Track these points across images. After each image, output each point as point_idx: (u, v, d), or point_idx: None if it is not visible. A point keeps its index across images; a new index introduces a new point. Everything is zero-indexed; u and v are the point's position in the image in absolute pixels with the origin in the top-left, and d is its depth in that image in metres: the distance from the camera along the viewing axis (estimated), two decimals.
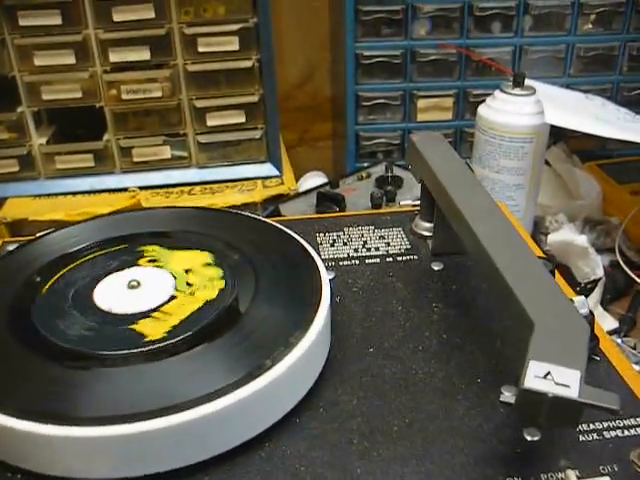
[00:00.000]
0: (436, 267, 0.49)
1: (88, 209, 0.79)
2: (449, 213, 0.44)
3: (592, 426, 0.36)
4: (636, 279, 0.77)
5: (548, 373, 0.31)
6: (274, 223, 0.48)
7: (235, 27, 0.78)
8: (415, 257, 0.51)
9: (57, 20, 0.78)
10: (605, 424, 0.36)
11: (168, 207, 0.51)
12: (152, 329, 0.37)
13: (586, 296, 0.73)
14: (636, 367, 0.64)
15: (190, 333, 0.37)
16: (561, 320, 0.34)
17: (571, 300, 0.37)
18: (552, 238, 0.75)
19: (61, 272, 0.42)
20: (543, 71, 0.90)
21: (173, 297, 0.40)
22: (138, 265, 0.43)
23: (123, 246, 0.44)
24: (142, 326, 0.38)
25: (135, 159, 0.84)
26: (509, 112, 0.72)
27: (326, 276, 0.41)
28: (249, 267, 0.42)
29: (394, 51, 0.87)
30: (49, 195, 0.85)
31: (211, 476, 0.34)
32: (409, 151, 0.51)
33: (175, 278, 0.41)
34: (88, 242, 0.45)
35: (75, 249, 0.45)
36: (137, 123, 0.83)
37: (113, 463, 0.33)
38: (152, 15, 0.78)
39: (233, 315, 0.38)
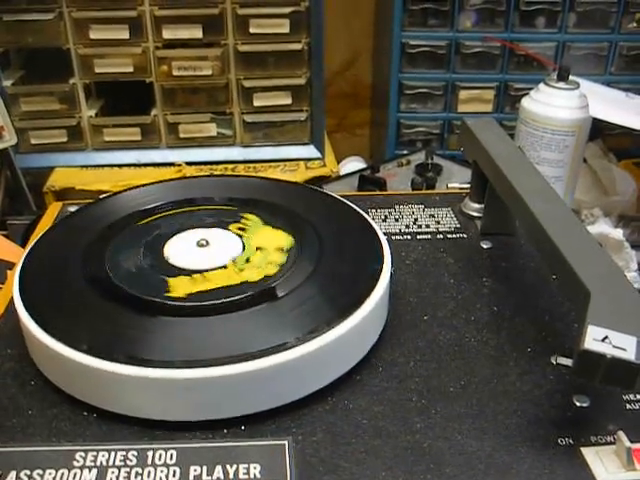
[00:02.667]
0: (485, 245, 0.51)
1: (133, 181, 0.81)
2: (504, 193, 0.46)
3: (639, 397, 0.38)
4: None
5: (606, 337, 0.32)
6: (346, 201, 0.49)
7: (287, 10, 0.80)
8: (464, 235, 0.52)
9: None
10: None
11: (253, 177, 0.53)
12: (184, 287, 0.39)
13: None
14: None
15: (259, 291, 0.39)
16: (616, 290, 0.35)
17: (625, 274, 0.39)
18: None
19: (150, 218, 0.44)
20: (584, 68, 0.91)
21: (223, 266, 0.42)
22: (228, 229, 0.45)
23: (231, 208, 0.47)
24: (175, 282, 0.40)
25: (181, 135, 0.87)
26: (553, 105, 0.74)
27: (387, 244, 0.43)
28: (317, 240, 0.44)
29: (439, 42, 0.89)
30: (95, 166, 0.87)
31: (278, 424, 0.36)
32: (462, 134, 0.53)
33: (243, 251, 0.43)
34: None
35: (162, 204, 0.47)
36: (185, 100, 0.85)
37: (186, 406, 0.35)
38: None
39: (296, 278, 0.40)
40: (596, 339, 0.32)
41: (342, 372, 0.38)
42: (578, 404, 0.37)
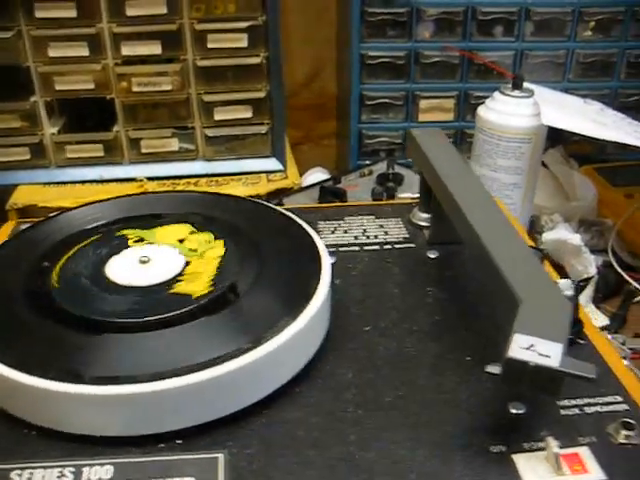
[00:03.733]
0: (432, 255, 0.51)
1: (95, 198, 0.81)
2: (445, 202, 0.47)
3: (573, 402, 0.39)
4: (628, 279, 0.79)
5: (532, 345, 0.33)
6: (291, 215, 0.49)
7: (244, 24, 0.81)
8: (412, 245, 0.53)
9: (72, 13, 0.80)
10: (586, 400, 0.39)
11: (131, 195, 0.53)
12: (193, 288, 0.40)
13: (578, 293, 0.76)
14: (625, 362, 0.66)
15: (195, 306, 0.39)
16: (545, 298, 0.36)
17: (556, 282, 0.40)
18: (547, 236, 0.78)
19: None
20: (543, 75, 0.92)
21: (188, 262, 0.43)
22: (130, 246, 0.45)
23: (99, 235, 0.47)
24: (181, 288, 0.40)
25: (143, 150, 0.87)
26: (507, 113, 0.74)
27: (326, 257, 0.44)
28: (256, 254, 0.44)
29: (398, 52, 0.89)
30: (59, 183, 0.87)
31: (214, 437, 0.36)
32: (410, 145, 0.54)
33: (175, 248, 0.44)
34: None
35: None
36: (146, 115, 0.85)
37: (122, 421, 0.35)
38: (164, 11, 0.80)
39: (237, 290, 0.41)
40: (522, 347, 0.33)
41: (278, 386, 0.38)
42: (514, 411, 0.37)
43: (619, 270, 0.80)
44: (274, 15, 0.80)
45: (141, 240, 0.46)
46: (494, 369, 0.34)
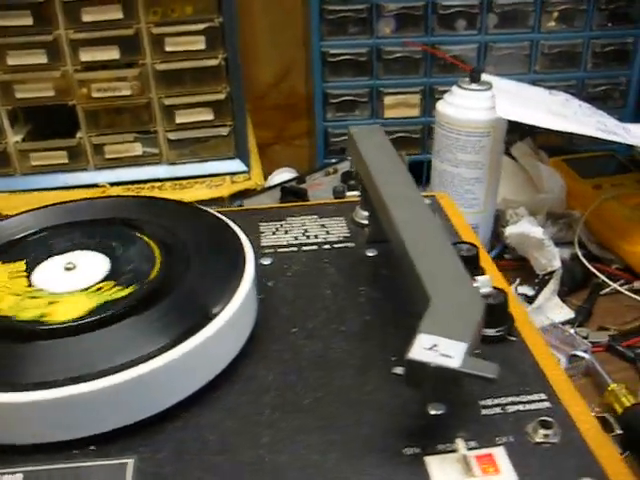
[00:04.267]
0: (370, 254, 0.51)
1: None
2: (375, 200, 0.46)
3: (496, 401, 0.38)
4: (594, 271, 0.78)
5: (435, 345, 0.32)
6: (223, 217, 0.49)
7: (201, 26, 0.80)
8: (352, 244, 0.52)
9: (29, 21, 0.79)
10: (509, 399, 0.38)
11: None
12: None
13: (543, 287, 0.75)
14: (585, 355, 0.66)
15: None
16: (456, 297, 0.35)
17: (473, 279, 0.39)
18: (510, 230, 0.77)
19: None
20: (509, 68, 0.91)
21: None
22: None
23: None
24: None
25: (107, 156, 0.86)
26: (465, 107, 0.74)
27: (252, 259, 0.43)
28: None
29: (360, 49, 0.89)
30: (24, 191, 0.87)
31: (128, 442, 0.36)
32: (348, 144, 0.53)
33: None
34: None
35: None
36: (109, 121, 0.85)
37: (34, 428, 0.35)
38: (120, 15, 0.79)
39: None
40: (424, 347, 0.32)
41: (193, 390, 0.38)
42: (432, 412, 0.36)
43: (585, 263, 0.79)
44: (230, 16, 0.80)
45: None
46: (399, 370, 0.33)
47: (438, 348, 0.32)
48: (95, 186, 0.87)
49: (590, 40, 0.91)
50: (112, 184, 0.86)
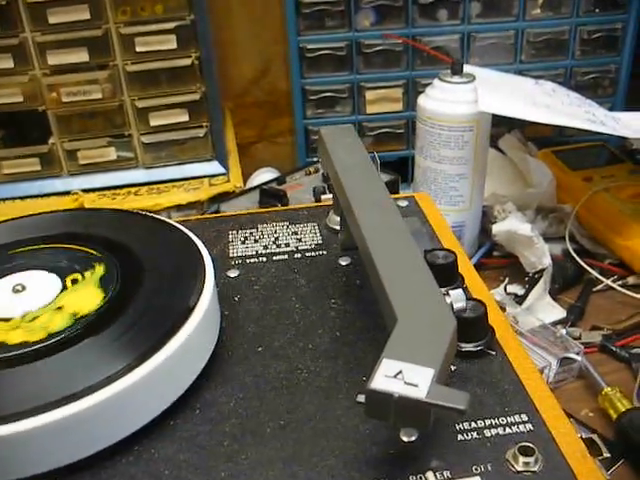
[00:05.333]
0: (343, 262, 0.48)
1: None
2: (343, 205, 0.43)
3: (473, 424, 0.35)
4: (586, 267, 0.76)
5: (399, 372, 0.30)
6: (183, 229, 0.46)
7: (172, 25, 0.77)
8: (324, 252, 0.50)
9: None
10: (487, 422, 0.35)
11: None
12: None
13: (533, 286, 0.73)
14: (577, 358, 0.63)
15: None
16: (424, 316, 0.33)
17: (447, 294, 0.36)
18: (497, 228, 0.74)
19: None
20: (494, 58, 0.88)
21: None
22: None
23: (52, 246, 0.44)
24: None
25: (81, 161, 0.84)
26: (447, 101, 0.71)
27: (211, 274, 0.40)
28: (134, 274, 0.41)
29: (339, 43, 0.86)
30: None
31: (76, 478, 0.33)
32: (318, 145, 0.50)
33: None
34: None
35: None
36: (81, 125, 0.82)
37: None
38: (88, 16, 0.77)
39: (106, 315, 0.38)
40: (388, 375, 0.30)
41: (147, 420, 0.35)
42: (405, 439, 0.33)
43: (577, 258, 0.76)
44: (202, 13, 0.77)
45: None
46: (362, 398, 0.30)
47: (403, 375, 0.29)
48: (69, 193, 0.84)
49: (577, 27, 0.88)
50: (87, 190, 0.84)
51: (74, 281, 0.41)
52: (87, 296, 0.39)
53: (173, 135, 0.83)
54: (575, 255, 0.76)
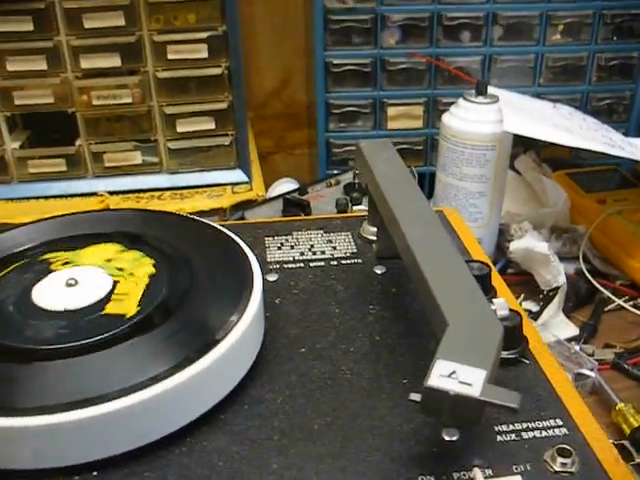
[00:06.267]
0: (378, 271, 0.50)
1: (59, 212, 0.80)
2: (386, 216, 0.45)
3: (512, 427, 0.37)
4: (599, 287, 0.78)
5: (453, 372, 0.31)
6: (229, 233, 0.48)
7: (204, 35, 0.79)
8: (359, 261, 0.51)
9: (29, 26, 0.78)
10: (524, 425, 0.37)
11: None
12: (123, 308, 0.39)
13: (547, 303, 0.74)
14: (591, 374, 0.65)
15: (115, 330, 0.38)
16: (474, 321, 0.34)
17: (491, 302, 0.38)
18: (514, 245, 0.76)
19: None
20: (513, 80, 0.90)
21: (116, 282, 0.41)
22: (54, 271, 0.43)
23: (25, 261, 0.45)
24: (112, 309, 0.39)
25: (106, 164, 0.85)
26: (471, 120, 0.73)
27: (259, 278, 0.42)
28: (185, 275, 0.43)
29: (364, 59, 0.88)
30: (21, 199, 0.86)
31: (131, 468, 0.34)
32: (357, 157, 0.52)
33: (102, 268, 0.42)
34: None
35: None
36: (108, 129, 0.84)
37: (31, 454, 0.34)
38: (122, 22, 0.78)
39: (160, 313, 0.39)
40: (443, 375, 0.31)
41: (200, 413, 0.36)
42: (447, 438, 0.35)
43: (590, 278, 0.78)
44: (234, 25, 0.79)
45: (67, 263, 0.44)
46: (416, 397, 0.32)
47: (457, 375, 0.31)
48: (93, 195, 0.85)
49: (595, 54, 0.91)
50: (110, 193, 0.85)
51: (121, 272, 0.42)
52: (138, 294, 0.41)
53: (199, 142, 0.85)
54: (588, 275, 0.78)
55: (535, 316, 0.73)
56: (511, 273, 0.81)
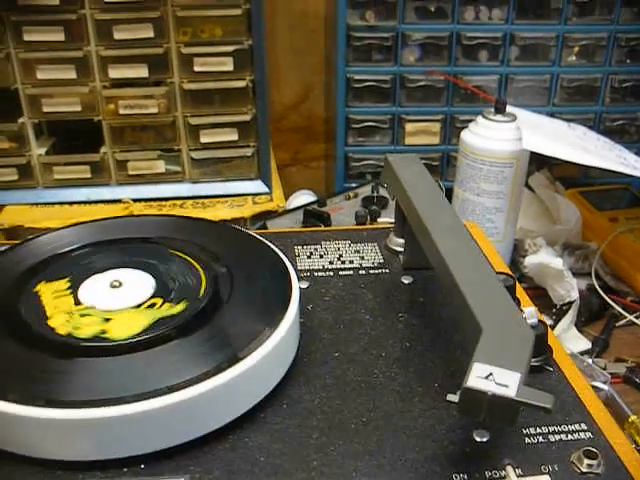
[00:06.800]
0: (406, 280, 0.52)
1: (82, 218, 0.82)
2: (417, 229, 0.47)
3: (539, 430, 0.39)
4: (610, 302, 0.79)
5: (490, 374, 0.33)
6: (265, 241, 0.50)
7: (230, 48, 0.81)
8: (387, 270, 0.53)
9: (60, 36, 0.81)
10: (551, 428, 0.39)
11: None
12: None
13: (560, 318, 0.76)
14: (604, 386, 0.67)
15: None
16: (507, 327, 0.36)
17: (521, 310, 0.40)
18: (529, 260, 0.78)
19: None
20: (529, 100, 0.93)
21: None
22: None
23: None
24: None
25: (130, 172, 0.87)
26: (490, 137, 0.75)
27: (296, 284, 0.44)
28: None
29: (384, 76, 0.90)
30: (46, 204, 0.88)
31: (177, 462, 0.36)
32: (385, 170, 0.54)
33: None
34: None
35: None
36: (133, 137, 0.86)
37: (86, 445, 0.35)
38: (151, 34, 0.81)
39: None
40: (480, 376, 0.33)
41: (242, 411, 0.38)
42: (478, 439, 0.37)
43: (602, 294, 0.80)
44: (259, 39, 0.81)
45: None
46: (454, 398, 0.34)
47: (494, 377, 0.33)
48: (116, 201, 0.87)
49: (609, 75, 0.93)
50: (134, 200, 0.87)
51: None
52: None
53: (221, 153, 0.87)
54: (600, 291, 0.80)
55: None
56: (525, 287, 0.83)
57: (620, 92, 0.94)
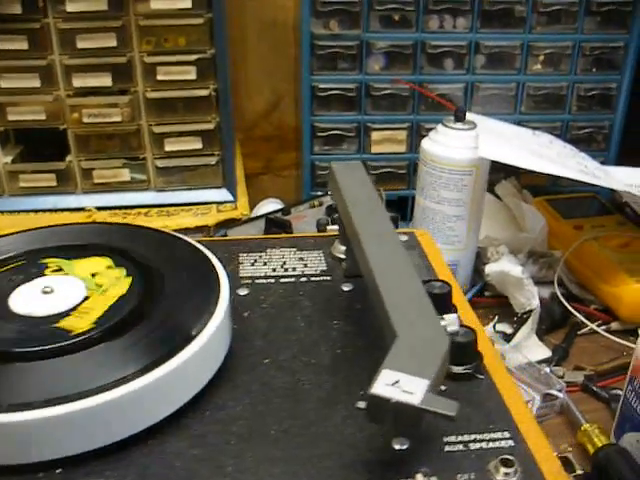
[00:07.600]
0: (346, 288, 0.52)
1: None
2: (351, 236, 0.47)
3: (460, 438, 0.38)
4: (572, 311, 0.79)
5: (397, 381, 0.33)
6: (201, 247, 0.50)
7: (193, 57, 0.82)
8: (329, 278, 0.53)
9: (24, 45, 0.81)
10: (473, 436, 0.39)
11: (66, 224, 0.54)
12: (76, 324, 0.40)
13: (520, 326, 0.76)
14: (559, 394, 0.66)
15: (96, 331, 0.40)
16: (422, 334, 0.36)
17: (441, 318, 0.40)
18: (490, 268, 0.78)
19: None
20: (495, 108, 0.93)
21: (87, 297, 0.43)
22: (45, 275, 0.45)
23: (23, 262, 0.47)
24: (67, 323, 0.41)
25: (95, 180, 0.87)
26: (449, 145, 0.75)
27: (227, 291, 0.44)
28: (155, 286, 0.45)
29: (349, 85, 0.90)
30: (12, 212, 0.88)
31: (93, 466, 0.36)
32: (330, 178, 0.54)
33: (84, 281, 0.44)
34: None
35: None
36: (98, 146, 0.86)
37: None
38: (114, 44, 0.81)
39: (136, 314, 0.41)
40: (387, 383, 0.33)
41: (160, 418, 0.38)
42: (397, 447, 0.37)
43: (564, 302, 0.80)
44: (222, 48, 0.81)
45: (59, 270, 0.46)
46: (363, 405, 0.34)
47: (400, 384, 0.33)
48: (82, 209, 0.87)
49: (574, 84, 0.93)
50: (99, 208, 0.87)
51: (98, 288, 0.44)
52: (110, 302, 0.43)
53: (186, 161, 0.87)
54: (562, 299, 0.80)
55: (509, 338, 0.75)
56: (488, 296, 0.83)
57: (586, 100, 0.94)
